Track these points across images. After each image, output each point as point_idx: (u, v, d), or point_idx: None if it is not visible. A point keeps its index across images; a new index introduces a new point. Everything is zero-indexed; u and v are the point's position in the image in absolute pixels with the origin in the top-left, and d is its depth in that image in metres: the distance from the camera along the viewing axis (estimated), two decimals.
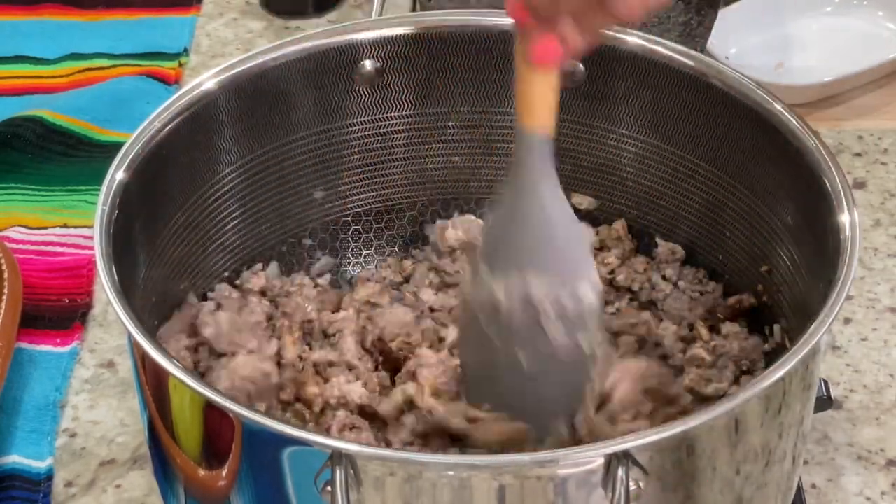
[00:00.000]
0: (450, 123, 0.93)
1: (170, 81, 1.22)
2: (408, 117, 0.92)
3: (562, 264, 0.76)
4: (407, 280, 0.93)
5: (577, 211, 0.92)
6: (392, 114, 0.92)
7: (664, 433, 0.66)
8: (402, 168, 0.94)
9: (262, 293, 0.89)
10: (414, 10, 1.25)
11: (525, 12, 0.71)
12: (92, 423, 0.93)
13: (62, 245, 1.05)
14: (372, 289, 0.91)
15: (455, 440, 0.79)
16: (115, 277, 0.73)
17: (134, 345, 0.73)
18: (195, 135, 0.85)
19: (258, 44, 1.26)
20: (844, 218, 0.76)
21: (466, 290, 0.79)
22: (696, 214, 0.90)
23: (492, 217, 0.79)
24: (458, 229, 0.93)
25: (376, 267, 0.94)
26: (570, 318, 0.75)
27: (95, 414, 0.94)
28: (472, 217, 0.94)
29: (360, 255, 0.95)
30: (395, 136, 0.93)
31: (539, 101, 0.74)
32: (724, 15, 1.17)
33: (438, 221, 0.94)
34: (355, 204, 0.94)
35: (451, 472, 0.66)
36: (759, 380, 0.68)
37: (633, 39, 0.87)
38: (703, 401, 0.82)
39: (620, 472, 0.65)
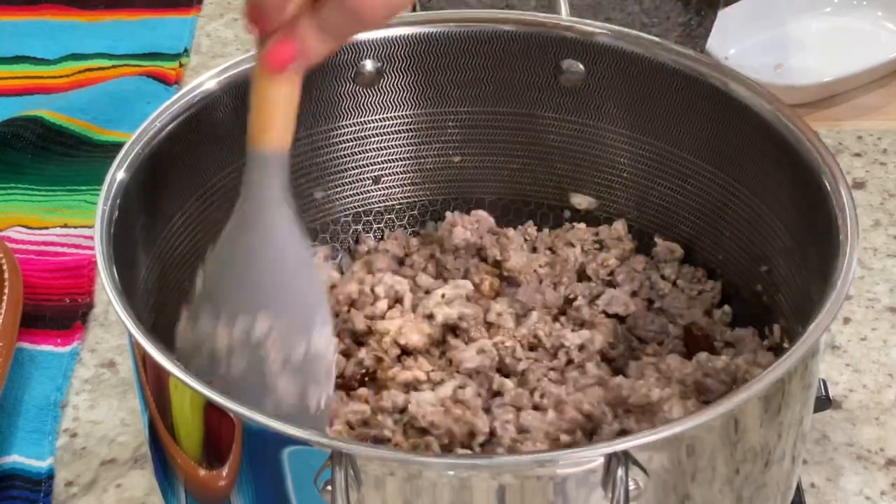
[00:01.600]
0: (449, 124, 0.93)
1: (170, 82, 1.22)
2: (408, 117, 0.92)
3: (295, 309, 0.71)
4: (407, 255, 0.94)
5: (576, 211, 0.94)
6: (392, 114, 0.92)
7: (664, 433, 0.66)
8: (402, 168, 0.94)
9: None
10: (414, 10, 1.25)
11: (260, 15, 0.66)
12: (93, 422, 0.93)
13: (63, 245, 1.05)
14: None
15: None
16: (116, 277, 0.73)
17: (134, 345, 0.74)
18: (196, 135, 0.84)
19: None
20: (843, 218, 0.76)
21: (181, 338, 0.73)
22: (696, 214, 0.90)
23: (218, 249, 0.73)
24: (467, 229, 0.93)
25: (383, 237, 0.95)
26: (299, 368, 0.71)
27: (96, 414, 0.94)
28: (483, 213, 0.94)
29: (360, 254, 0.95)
30: (396, 136, 0.93)
31: (273, 113, 0.69)
32: (724, 15, 1.17)
33: (448, 215, 0.94)
34: (355, 204, 0.94)
35: (451, 472, 0.66)
36: (758, 379, 0.68)
37: (633, 40, 0.87)
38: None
39: (620, 472, 0.65)
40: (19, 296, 0.95)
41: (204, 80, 0.85)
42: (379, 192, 0.94)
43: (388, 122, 0.92)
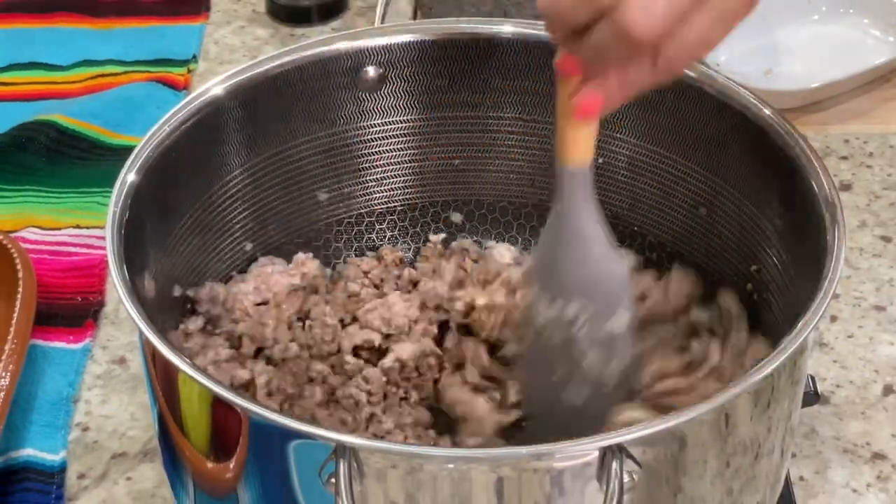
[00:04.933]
0: (450, 127, 0.93)
1: (179, 87, 1.22)
2: (409, 121, 0.93)
3: (600, 295, 0.78)
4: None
5: None
6: (394, 118, 0.92)
7: (657, 427, 0.67)
8: (404, 171, 0.94)
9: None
10: (415, 18, 1.26)
11: (575, 65, 0.70)
12: (104, 417, 0.93)
13: (75, 245, 1.05)
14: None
15: None
16: (127, 276, 0.74)
17: (144, 342, 0.74)
18: (203, 138, 0.85)
19: (264, 51, 1.26)
20: (831, 219, 0.76)
21: (525, 300, 0.82)
22: (687, 215, 0.90)
23: (542, 238, 0.81)
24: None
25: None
26: (603, 344, 0.78)
27: (107, 408, 0.94)
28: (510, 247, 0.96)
29: (363, 255, 0.96)
30: (397, 139, 0.93)
31: (578, 142, 0.74)
32: None
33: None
34: (358, 205, 0.95)
35: (450, 465, 0.67)
36: (748, 375, 0.69)
37: None
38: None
39: (615, 465, 0.65)
40: (33, 294, 0.95)
41: (211, 85, 0.86)
42: (381, 194, 0.95)
43: (390, 126, 0.93)
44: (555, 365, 0.79)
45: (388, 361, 0.87)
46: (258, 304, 0.90)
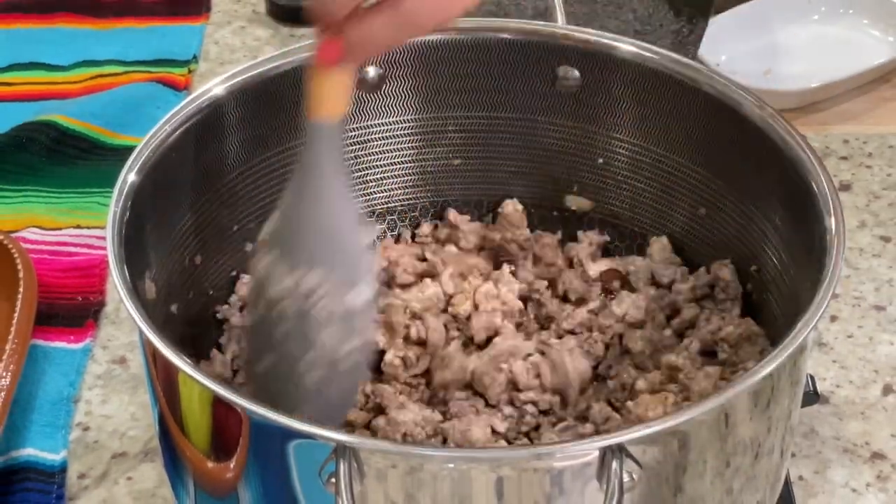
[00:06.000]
0: (450, 128, 0.93)
1: (179, 87, 1.22)
2: (409, 122, 0.93)
3: (341, 266, 0.75)
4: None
5: (571, 213, 0.94)
6: (394, 118, 0.92)
7: (657, 427, 0.67)
8: (403, 171, 0.94)
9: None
10: None
11: (320, 10, 0.69)
12: (104, 417, 0.93)
13: (76, 245, 1.06)
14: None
15: None
16: (127, 276, 0.74)
17: (145, 342, 0.74)
18: (204, 139, 0.85)
19: (265, 51, 1.27)
20: (830, 219, 0.76)
21: (255, 269, 0.78)
22: (687, 215, 0.90)
23: (285, 200, 0.77)
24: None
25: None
26: (338, 320, 0.74)
27: (108, 408, 0.94)
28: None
29: None
30: (397, 139, 0.93)
31: (327, 94, 0.72)
32: (715, 23, 1.18)
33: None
34: (358, 206, 0.92)
35: (451, 465, 0.67)
36: (748, 375, 0.69)
37: (627, 47, 0.88)
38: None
39: (615, 465, 0.65)
40: (34, 294, 0.95)
41: (212, 85, 0.86)
42: (381, 194, 0.95)
43: (390, 126, 0.93)
44: (287, 340, 0.75)
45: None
46: None
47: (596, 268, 0.92)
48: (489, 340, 0.87)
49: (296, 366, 0.75)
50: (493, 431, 0.82)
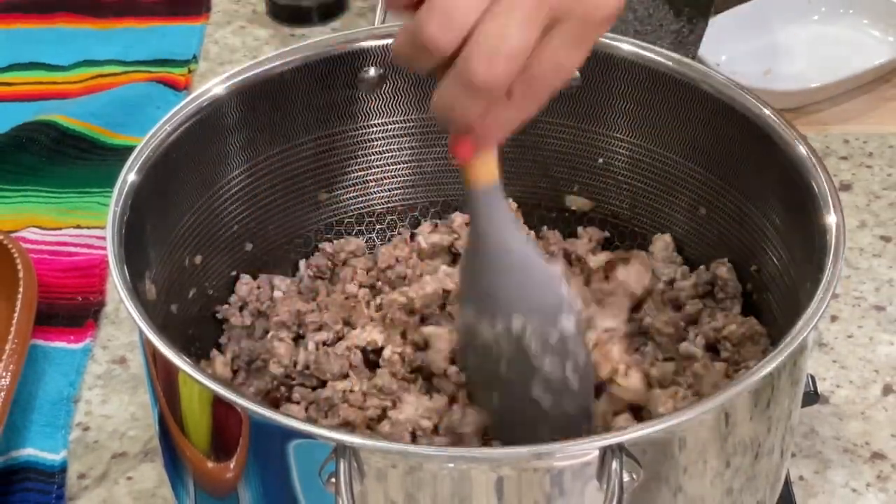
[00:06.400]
0: None
1: (179, 87, 1.23)
2: (409, 122, 0.93)
3: (541, 307, 0.76)
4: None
5: (571, 213, 0.94)
6: (394, 118, 0.92)
7: (657, 427, 0.67)
8: (403, 171, 0.94)
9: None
10: None
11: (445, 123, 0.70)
12: (104, 417, 0.94)
13: (76, 245, 1.06)
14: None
15: None
16: (127, 276, 0.74)
17: (145, 341, 0.74)
18: (204, 138, 0.85)
19: (265, 51, 1.27)
20: (831, 219, 0.76)
21: (458, 327, 0.80)
22: (687, 215, 0.90)
23: (465, 262, 0.79)
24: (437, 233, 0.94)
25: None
26: (554, 348, 0.76)
27: (108, 408, 0.94)
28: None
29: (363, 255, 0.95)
30: (397, 139, 0.93)
31: (477, 170, 0.74)
32: (715, 23, 1.17)
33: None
34: (358, 205, 0.95)
35: (451, 465, 0.67)
36: (748, 375, 0.69)
37: (627, 47, 0.88)
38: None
39: (615, 465, 0.66)
40: (33, 294, 0.95)
41: (212, 85, 0.86)
42: (381, 194, 0.95)
43: (390, 126, 0.93)
44: (511, 375, 0.77)
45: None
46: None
47: (597, 260, 0.92)
48: None
49: (527, 395, 0.77)
50: None
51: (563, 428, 0.77)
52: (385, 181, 0.95)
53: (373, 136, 0.93)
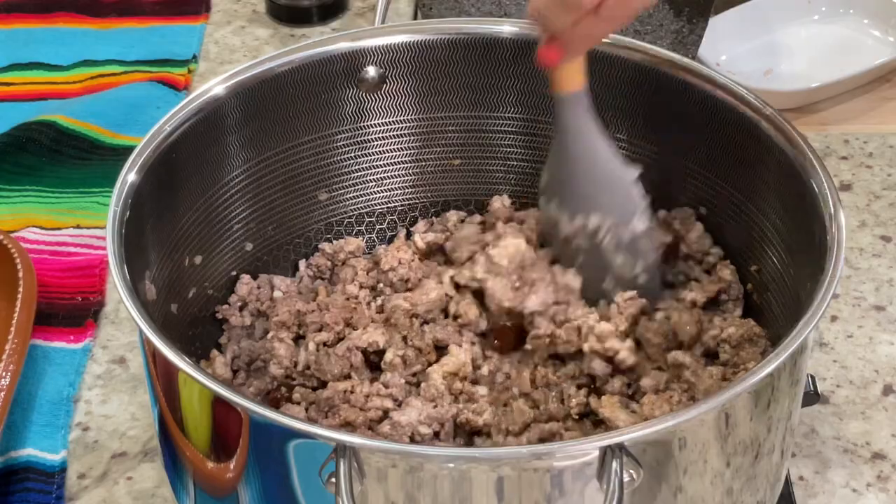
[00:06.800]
0: (450, 127, 0.94)
1: (179, 87, 1.23)
2: (409, 122, 0.93)
3: (616, 205, 0.86)
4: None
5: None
6: (394, 118, 0.93)
7: (657, 427, 0.67)
8: (403, 170, 0.95)
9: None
10: (415, 18, 1.26)
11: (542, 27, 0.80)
12: (104, 417, 0.93)
13: (75, 245, 1.06)
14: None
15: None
16: (127, 276, 0.74)
17: (145, 341, 0.74)
18: (204, 138, 0.85)
19: (265, 51, 1.27)
20: (831, 219, 0.76)
21: (543, 213, 0.90)
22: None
23: (551, 159, 0.87)
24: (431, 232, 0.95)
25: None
26: (627, 247, 0.85)
27: (107, 408, 0.94)
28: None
29: (363, 255, 0.95)
30: (397, 139, 0.94)
31: (565, 77, 0.83)
32: (715, 23, 1.18)
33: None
34: (358, 205, 0.95)
35: (451, 465, 0.67)
36: (748, 375, 0.69)
37: (627, 47, 0.88)
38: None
39: (615, 465, 0.66)
40: (33, 294, 0.95)
41: (212, 85, 0.86)
42: (381, 194, 0.95)
43: (390, 126, 0.93)
44: (587, 267, 0.87)
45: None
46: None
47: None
48: None
49: (599, 289, 0.87)
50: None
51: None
52: (385, 181, 0.95)
53: (373, 136, 0.93)
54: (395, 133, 0.94)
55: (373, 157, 0.94)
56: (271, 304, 0.90)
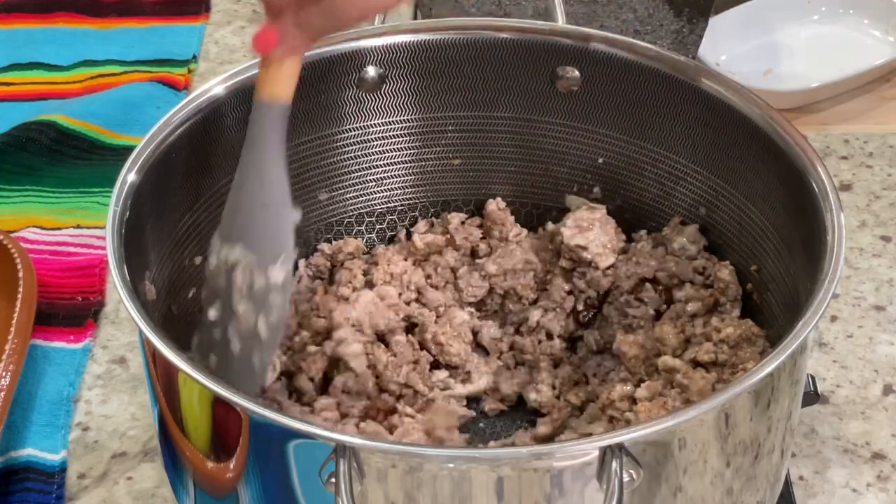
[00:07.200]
0: (449, 127, 0.94)
1: (179, 87, 1.22)
2: (409, 121, 0.93)
3: (265, 244, 0.78)
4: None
5: (570, 213, 0.94)
6: (394, 118, 0.93)
7: (657, 427, 0.67)
8: (403, 171, 0.95)
9: None
10: (415, 18, 1.26)
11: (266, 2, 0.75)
12: (104, 417, 0.93)
13: (75, 245, 1.06)
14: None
15: None
16: (127, 276, 0.74)
17: (145, 341, 0.74)
18: (204, 138, 0.85)
19: None
20: (831, 219, 0.76)
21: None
22: (687, 215, 0.90)
23: (232, 184, 0.80)
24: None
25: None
26: (256, 294, 0.78)
27: (108, 408, 0.94)
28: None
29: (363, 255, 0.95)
30: (397, 139, 0.94)
31: (273, 78, 0.77)
32: (715, 23, 1.18)
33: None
34: (358, 205, 0.95)
35: (450, 465, 0.67)
36: (748, 375, 0.69)
37: (627, 47, 0.88)
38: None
39: (615, 465, 0.66)
40: (33, 294, 0.95)
41: (212, 85, 0.86)
42: (381, 194, 0.95)
43: (390, 126, 0.93)
44: (218, 309, 0.79)
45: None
46: None
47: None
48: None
49: (224, 334, 0.79)
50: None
51: (241, 379, 0.79)
52: (385, 181, 0.95)
53: (373, 136, 0.93)
54: (395, 133, 0.94)
55: (373, 156, 0.94)
56: None
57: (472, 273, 0.92)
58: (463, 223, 0.95)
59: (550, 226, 0.94)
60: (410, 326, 0.91)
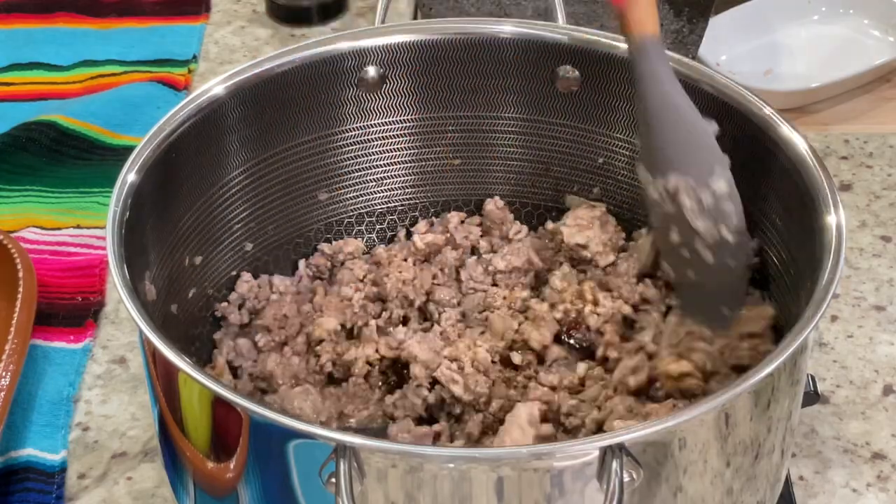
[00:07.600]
0: (450, 127, 0.94)
1: (179, 87, 1.23)
2: (409, 122, 0.93)
3: (695, 163, 0.80)
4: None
5: (570, 211, 0.94)
6: (394, 118, 0.93)
7: (657, 427, 0.67)
8: (403, 171, 0.95)
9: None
10: (415, 18, 1.26)
11: None
12: (104, 417, 0.93)
13: (75, 245, 1.06)
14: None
15: None
16: (127, 276, 0.74)
17: (145, 341, 0.74)
18: (204, 138, 0.85)
19: (265, 51, 1.27)
20: (831, 219, 0.76)
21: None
22: None
23: (638, 121, 0.84)
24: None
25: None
26: (709, 209, 0.80)
27: (108, 408, 0.94)
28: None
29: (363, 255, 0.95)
30: (397, 139, 0.94)
31: (633, 16, 0.81)
32: (715, 23, 1.18)
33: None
34: (358, 205, 0.95)
35: (451, 465, 0.67)
36: (748, 375, 0.69)
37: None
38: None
39: (615, 465, 0.66)
40: (33, 294, 0.95)
41: (212, 85, 0.86)
42: (381, 194, 0.95)
43: (390, 126, 0.93)
44: (677, 234, 0.82)
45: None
46: None
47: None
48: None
49: (694, 253, 0.81)
50: None
51: (727, 285, 0.82)
52: (385, 181, 0.95)
53: (373, 136, 0.93)
54: (395, 133, 0.94)
55: (373, 156, 0.94)
56: (267, 304, 0.91)
57: (477, 267, 0.92)
58: (462, 222, 0.95)
59: (550, 224, 0.94)
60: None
